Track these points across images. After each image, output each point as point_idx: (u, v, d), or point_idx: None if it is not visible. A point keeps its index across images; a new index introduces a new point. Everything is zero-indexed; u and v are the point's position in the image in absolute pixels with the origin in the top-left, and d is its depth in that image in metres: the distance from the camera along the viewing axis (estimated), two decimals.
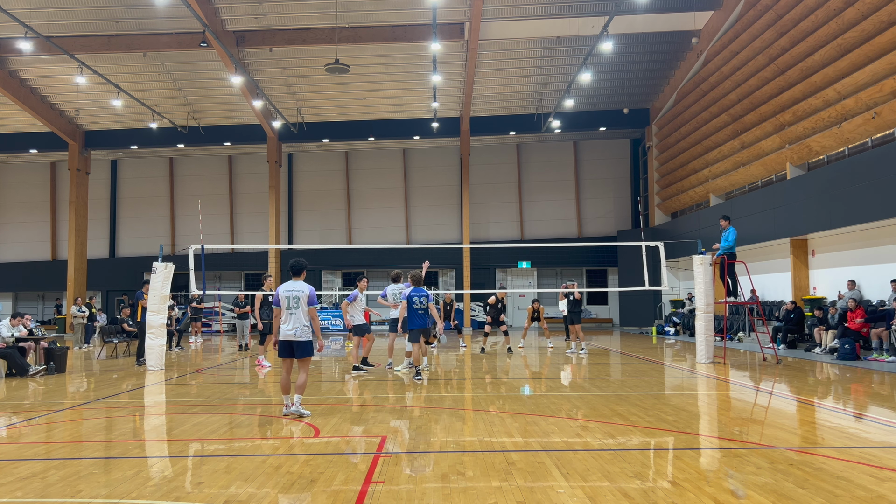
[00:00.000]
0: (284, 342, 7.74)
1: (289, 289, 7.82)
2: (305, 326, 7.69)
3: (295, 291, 7.79)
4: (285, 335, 7.70)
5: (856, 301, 15.11)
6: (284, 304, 7.72)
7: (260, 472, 5.44)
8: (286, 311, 7.71)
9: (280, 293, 7.76)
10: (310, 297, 7.75)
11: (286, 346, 7.77)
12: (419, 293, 10.25)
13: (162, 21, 23.08)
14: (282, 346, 7.78)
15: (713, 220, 16.70)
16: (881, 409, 8.53)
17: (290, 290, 7.80)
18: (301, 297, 7.72)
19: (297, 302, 7.70)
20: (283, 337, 7.72)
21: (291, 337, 7.68)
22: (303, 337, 7.68)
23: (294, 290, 7.80)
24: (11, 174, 36.24)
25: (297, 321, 7.69)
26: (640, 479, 5.10)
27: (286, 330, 7.69)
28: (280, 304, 7.76)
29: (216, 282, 34.89)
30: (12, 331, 13.23)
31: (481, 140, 33.15)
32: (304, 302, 7.69)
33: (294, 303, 7.70)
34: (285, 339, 7.72)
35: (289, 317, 7.71)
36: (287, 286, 7.84)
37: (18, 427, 7.65)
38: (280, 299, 7.76)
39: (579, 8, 22.91)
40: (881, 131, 16.42)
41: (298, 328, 7.67)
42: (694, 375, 12.03)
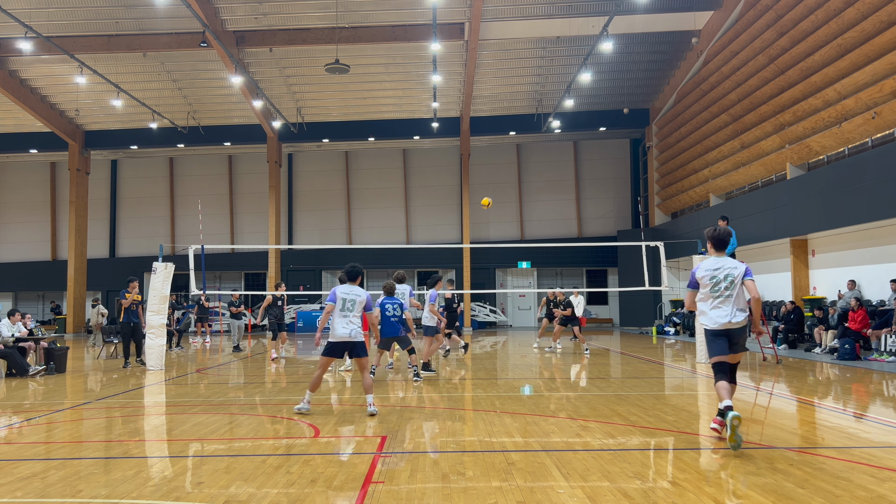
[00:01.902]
0: (338, 343, 7.69)
1: (346, 291, 7.77)
2: (359, 329, 7.67)
3: (352, 294, 7.77)
4: (340, 337, 7.64)
5: (857, 301, 15.11)
6: (339, 304, 7.67)
7: (260, 472, 5.44)
8: (340, 313, 7.65)
9: (337, 293, 7.73)
10: (367, 303, 7.76)
11: (339, 347, 7.73)
12: (392, 301, 10.28)
13: (162, 21, 23.08)
14: (333, 347, 7.74)
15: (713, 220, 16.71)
16: (881, 409, 8.53)
17: (347, 293, 7.76)
18: (357, 301, 7.72)
19: (352, 305, 7.69)
20: (338, 339, 7.66)
21: (347, 338, 7.63)
22: (358, 338, 7.64)
23: (351, 293, 7.78)
24: (11, 174, 36.24)
25: (352, 323, 7.66)
26: (640, 479, 5.10)
27: (341, 332, 7.63)
28: (335, 301, 7.71)
29: (216, 282, 34.90)
30: (12, 330, 13.23)
31: (481, 140, 33.15)
32: (360, 306, 7.67)
33: (350, 305, 7.68)
34: (340, 341, 7.66)
35: (342, 318, 7.65)
36: (344, 288, 7.81)
37: (18, 427, 7.65)
38: (338, 297, 7.71)
39: (579, 8, 22.92)
40: (881, 131, 16.42)
41: (354, 329, 7.63)
42: (694, 375, 12.03)
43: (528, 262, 33.27)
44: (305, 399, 7.92)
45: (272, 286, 29.99)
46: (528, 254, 32.99)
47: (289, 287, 32.14)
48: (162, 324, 13.81)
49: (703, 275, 6.34)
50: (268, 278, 30.94)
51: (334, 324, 7.72)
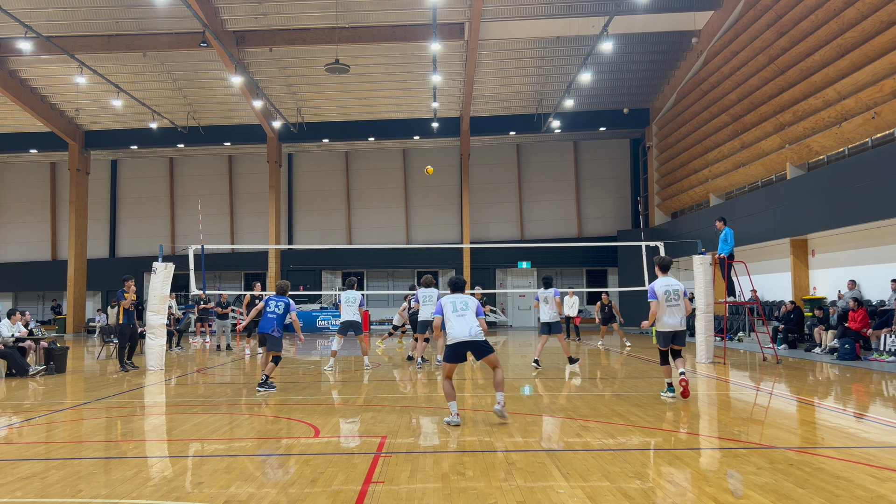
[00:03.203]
0: (458, 343, 7.32)
1: (451, 298, 7.58)
2: (479, 328, 7.37)
3: (461, 299, 7.55)
4: (459, 338, 7.29)
5: (857, 301, 15.11)
6: (450, 308, 7.44)
7: (260, 472, 5.44)
8: (454, 315, 7.40)
9: (444, 302, 7.52)
10: (478, 309, 7.50)
11: (459, 348, 7.36)
12: (277, 300, 10.14)
13: (162, 21, 23.09)
14: (455, 351, 7.37)
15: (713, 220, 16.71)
16: (881, 409, 8.53)
17: (454, 298, 7.57)
18: (469, 303, 7.49)
19: (465, 305, 7.45)
20: (458, 340, 7.31)
21: (467, 337, 7.28)
22: (481, 337, 7.36)
23: (459, 298, 7.57)
24: (11, 174, 36.25)
25: (470, 321, 7.35)
26: (640, 479, 5.10)
27: (459, 333, 7.30)
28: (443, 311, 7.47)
29: (216, 282, 34.90)
30: (12, 329, 13.23)
31: (481, 140, 33.15)
32: (473, 309, 7.44)
33: (462, 306, 7.45)
34: (461, 342, 7.30)
35: (458, 319, 7.37)
36: (449, 297, 7.62)
37: (18, 427, 7.65)
38: (444, 306, 7.49)
39: (579, 8, 22.92)
40: (881, 131, 16.42)
41: (474, 328, 7.31)
42: (694, 375, 12.03)
43: (528, 262, 33.27)
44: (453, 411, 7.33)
45: (272, 286, 30.00)
46: (528, 254, 33.00)
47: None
48: (162, 324, 13.81)
49: (660, 290, 8.72)
50: (268, 278, 30.93)
51: (451, 328, 7.38)
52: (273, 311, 9.99)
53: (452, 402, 7.35)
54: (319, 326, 29.57)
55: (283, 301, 10.06)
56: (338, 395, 10.00)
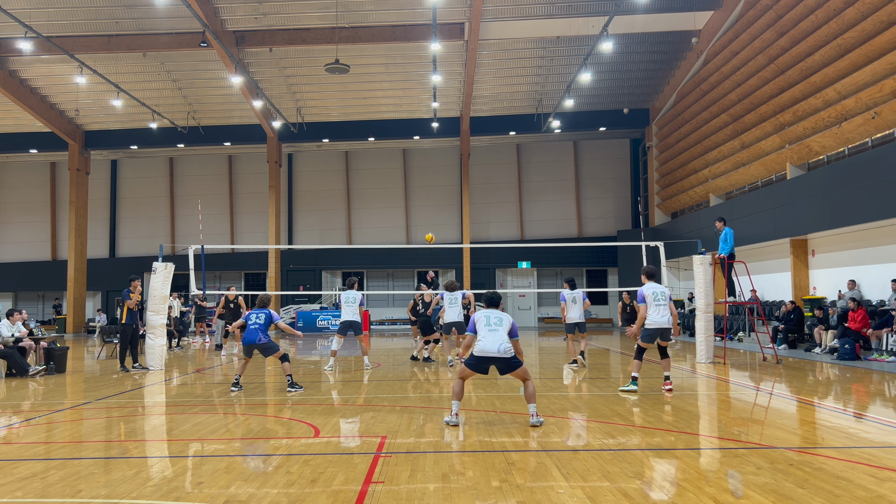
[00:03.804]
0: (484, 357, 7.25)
1: (486, 313, 7.50)
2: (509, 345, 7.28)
3: (495, 314, 7.48)
4: (487, 352, 7.23)
5: (856, 301, 15.11)
6: (484, 322, 7.38)
7: (260, 472, 5.44)
8: (486, 328, 7.32)
9: (478, 318, 7.46)
10: (512, 328, 7.41)
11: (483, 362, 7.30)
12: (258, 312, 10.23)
13: (162, 21, 23.09)
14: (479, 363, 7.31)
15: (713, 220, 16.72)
16: (881, 409, 8.53)
17: (488, 314, 7.48)
18: (504, 321, 7.41)
19: (499, 321, 7.37)
20: (485, 353, 7.23)
21: (495, 353, 7.21)
22: (509, 354, 7.24)
23: (494, 314, 7.49)
24: (11, 174, 36.26)
25: (500, 337, 7.25)
26: (640, 479, 5.10)
27: (489, 346, 7.23)
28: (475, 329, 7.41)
29: (216, 282, 34.90)
30: (12, 330, 13.23)
31: (481, 140, 33.16)
32: (507, 327, 7.36)
33: (496, 321, 7.36)
34: (487, 355, 7.23)
35: (490, 333, 7.29)
36: (483, 312, 7.55)
37: (18, 427, 7.65)
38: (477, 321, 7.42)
39: (579, 8, 22.92)
40: (881, 131, 16.43)
41: (504, 344, 7.22)
42: (694, 375, 12.03)
43: (528, 262, 33.27)
44: (454, 410, 7.35)
45: (272, 286, 30.00)
46: (528, 254, 33.00)
47: (289, 287, 32.22)
48: (162, 324, 13.81)
49: (648, 292, 9.72)
50: (268, 278, 30.94)
51: (481, 339, 7.30)
52: (255, 323, 10.09)
53: (456, 402, 7.35)
54: (319, 326, 29.57)
55: (264, 313, 10.16)
56: (338, 395, 10.01)
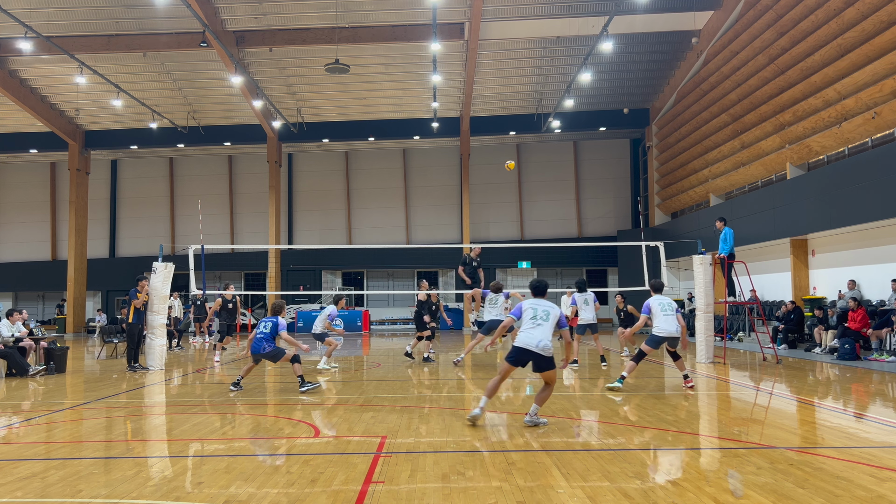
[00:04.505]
0: (523, 350, 7.14)
1: (534, 303, 7.37)
2: (549, 343, 7.16)
3: (543, 306, 7.34)
4: (525, 345, 7.12)
5: (856, 301, 15.10)
6: (531, 313, 7.26)
7: (260, 472, 5.44)
8: (531, 321, 7.22)
9: (525, 307, 7.34)
10: (560, 320, 7.28)
11: (523, 355, 7.17)
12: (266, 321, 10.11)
13: (162, 21, 23.09)
14: (518, 355, 7.18)
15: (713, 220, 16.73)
16: (881, 409, 8.53)
17: (536, 304, 7.36)
18: (551, 314, 7.26)
19: (545, 315, 7.23)
20: (525, 345, 7.13)
21: (534, 348, 7.08)
22: (547, 353, 7.12)
23: (542, 305, 7.35)
24: (11, 174, 36.26)
25: (543, 333, 7.14)
26: (640, 479, 5.10)
27: (529, 340, 7.11)
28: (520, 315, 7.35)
29: (216, 282, 34.88)
30: (12, 329, 13.22)
31: (481, 140, 33.15)
32: (553, 320, 7.22)
33: (543, 315, 7.23)
34: (526, 348, 7.12)
35: (534, 327, 7.17)
36: (532, 301, 7.42)
37: (18, 427, 7.65)
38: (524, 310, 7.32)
39: (579, 8, 22.92)
40: (881, 131, 16.42)
41: (545, 341, 7.11)
42: (694, 375, 12.03)
43: (528, 262, 33.27)
44: (480, 405, 7.28)
45: (272, 286, 30.00)
46: (528, 254, 33.00)
47: (289, 287, 32.20)
48: (162, 324, 13.81)
49: (655, 304, 9.94)
50: (268, 278, 30.94)
51: (523, 331, 7.22)
52: (261, 332, 10.06)
53: (485, 398, 7.29)
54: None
55: (272, 321, 10.10)
56: (338, 395, 10.00)
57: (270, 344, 9.98)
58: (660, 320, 9.78)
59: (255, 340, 9.99)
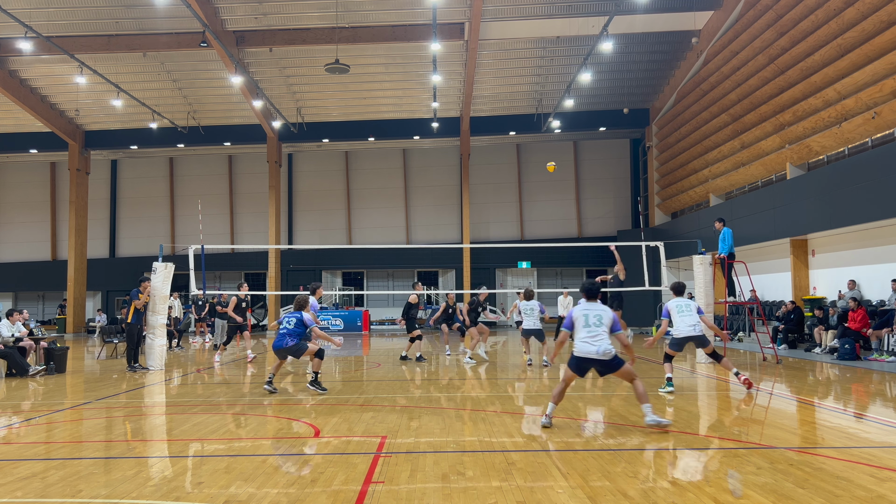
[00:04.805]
0: (584, 359, 7.01)
1: (585, 309, 7.16)
2: (609, 345, 7.02)
3: (595, 310, 7.14)
4: (586, 354, 6.98)
5: (856, 301, 15.10)
6: (582, 321, 7.07)
7: (260, 472, 5.44)
8: (585, 329, 7.04)
9: (576, 315, 7.14)
10: (614, 324, 7.10)
11: (584, 363, 7.06)
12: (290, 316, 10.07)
13: (162, 21, 23.08)
14: (580, 364, 7.06)
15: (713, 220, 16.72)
16: (881, 409, 8.54)
17: (587, 310, 7.15)
18: (604, 318, 7.08)
19: (598, 321, 7.05)
20: (585, 354, 6.99)
21: (594, 355, 6.95)
22: (609, 356, 6.97)
23: (593, 309, 7.15)
24: (11, 174, 36.25)
25: (600, 339, 6.99)
26: (640, 479, 5.10)
27: (588, 349, 6.97)
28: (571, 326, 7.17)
29: (216, 282, 34.89)
30: (12, 330, 13.22)
31: (481, 140, 33.15)
32: (607, 324, 7.06)
33: (596, 321, 7.05)
34: (587, 357, 6.99)
35: (590, 335, 7.00)
36: (582, 308, 7.20)
37: (18, 427, 7.65)
38: (575, 319, 7.13)
39: (579, 8, 22.92)
40: (881, 131, 16.42)
41: (604, 345, 6.96)
42: (694, 375, 12.03)
43: (528, 262, 33.26)
44: (548, 412, 7.16)
45: (272, 286, 29.99)
46: (528, 254, 32.99)
47: (289, 287, 32.20)
48: (162, 324, 13.82)
49: (673, 307, 9.84)
50: (268, 278, 30.93)
51: (579, 341, 7.07)
52: (284, 328, 9.98)
53: (552, 404, 7.17)
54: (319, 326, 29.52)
55: (296, 316, 9.99)
56: (338, 395, 10.00)
57: (293, 339, 9.91)
58: (678, 321, 9.69)
59: (278, 336, 9.95)
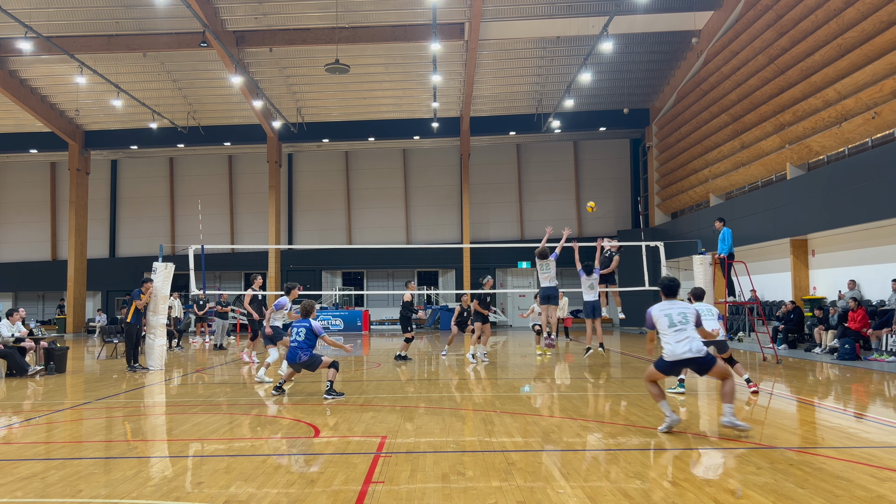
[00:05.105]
0: (677, 362, 6.69)
1: (666, 308, 6.84)
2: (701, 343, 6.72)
3: (678, 308, 6.83)
4: (680, 356, 6.63)
5: (856, 301, 15.10)
6: (665, 322, 6.74)
7: (260, 472, 5.44)
8: (671, 330, 6.70)
9: (656, 315, 6.83)
10: (697, 319, 6.80)
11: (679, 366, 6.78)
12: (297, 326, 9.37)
13: (162, 21, 23.09)
14: (671, 366, 6.78)
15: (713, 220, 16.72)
16: (881, 409, 8.54)
17: (669, 308, 6.83)
18: (688, 315, 6.77)
19: (684, 318, 6.74)
20: (677, 357, 6.64)
21: (690, 354, 6.61)
22: (703, 353, 6.67)
23: (676, 307, 6.84)
24: (11, 174, 36.25)
25: (690, 338, 6.66)
26: (640, 479, 5.10)
27: (679, 350, 6.63)
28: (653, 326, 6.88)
29: (216, 282, 34.90)
30: (12, 329, 13.22)
31: (481, 140, 33.15)
32: (693, 320, 6.75)
33: (681, 319, 6.73)
34: (681, 359, 6.66)
35: (676, 333, 6.68)
36: (663, 306, 6.89)
37: (18, 427, 7.65)
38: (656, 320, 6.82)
39: (579, 8, 22.92)
40: (881, 131, 16.42)
41: (695, 343, 6.65)
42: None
43: (527, 262, 33.26)
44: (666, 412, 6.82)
45: (272, 286, 29.98)
46: (528, 254, 32.95)
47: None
48: (162, 324, 13.82)
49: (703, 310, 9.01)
50: (268, 278, 30.91)
51: (668, 343, 6.73)
52: (294, 340, 9.43)
53: (663, 402, 6.90)
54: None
55: (304, 326, 9.41)
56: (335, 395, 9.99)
57: (307, 352, 9.36)
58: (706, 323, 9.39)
59: (291, 349, 9.46)
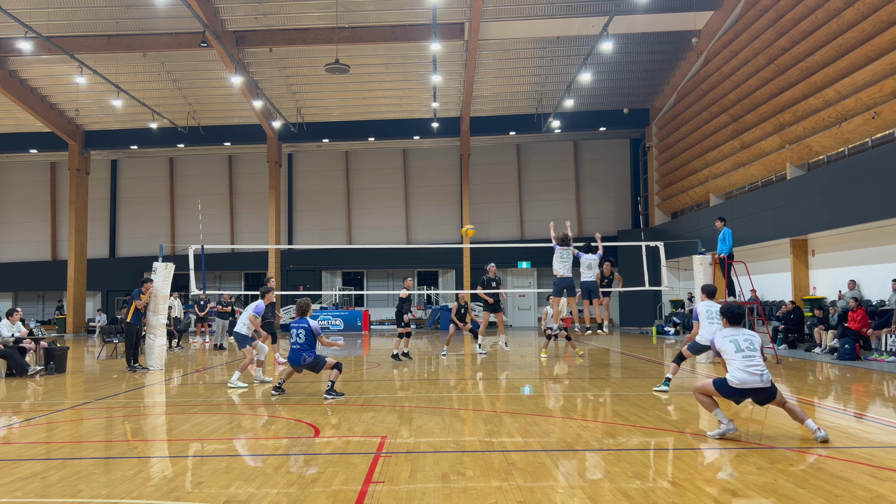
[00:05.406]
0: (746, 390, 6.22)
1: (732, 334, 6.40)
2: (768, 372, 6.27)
3: (744, 335, 6.40)
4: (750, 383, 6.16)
5: (856, 301, 15.10)
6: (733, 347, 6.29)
7: (260, 472, 5.44)
8: (738, 356, 6.24)
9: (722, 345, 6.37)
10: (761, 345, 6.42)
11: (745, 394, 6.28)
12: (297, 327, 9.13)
13: (162, 21, 23.09)
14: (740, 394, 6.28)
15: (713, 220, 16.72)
16: (881, 409, 8.54)
17: (735, 335, 6.37)
18: (755, 342, 6.36)
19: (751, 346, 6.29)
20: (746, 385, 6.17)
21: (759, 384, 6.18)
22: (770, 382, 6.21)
23: (743, 334, 6.42)
24: (11, 174, 36.25)
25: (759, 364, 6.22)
26: (640, 479, 5.10)
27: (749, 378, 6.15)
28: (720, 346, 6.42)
29: (216, 282, 34.90)
30: (12, 329, 13.22)
31: (481, 140, 33.15)
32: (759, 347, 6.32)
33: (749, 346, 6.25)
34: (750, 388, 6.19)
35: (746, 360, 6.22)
36: (728, 333, 6.48)
37: (18, 427, 7.65)
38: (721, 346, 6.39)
39: (579, 8, 22.92)
40: (881, 131, 16.42)
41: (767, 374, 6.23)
42: (694, 375, 12.03)
43: (528, 262, 33.26)
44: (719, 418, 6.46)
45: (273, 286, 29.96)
46: (528, 254, 32.98)
47: (289, 287, 32.20)
48: (162, 324, 13.82)
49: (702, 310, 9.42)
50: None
51: (736, 370, 6.24)
52: (295, 341, 9.30)
53: (717, 410, 6.49)
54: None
55: (303, 326, 9.25)
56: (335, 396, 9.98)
57: (310, 354, 9.22)
58: (704, 328, 9.27)
59: (292, 351, 9.34)
